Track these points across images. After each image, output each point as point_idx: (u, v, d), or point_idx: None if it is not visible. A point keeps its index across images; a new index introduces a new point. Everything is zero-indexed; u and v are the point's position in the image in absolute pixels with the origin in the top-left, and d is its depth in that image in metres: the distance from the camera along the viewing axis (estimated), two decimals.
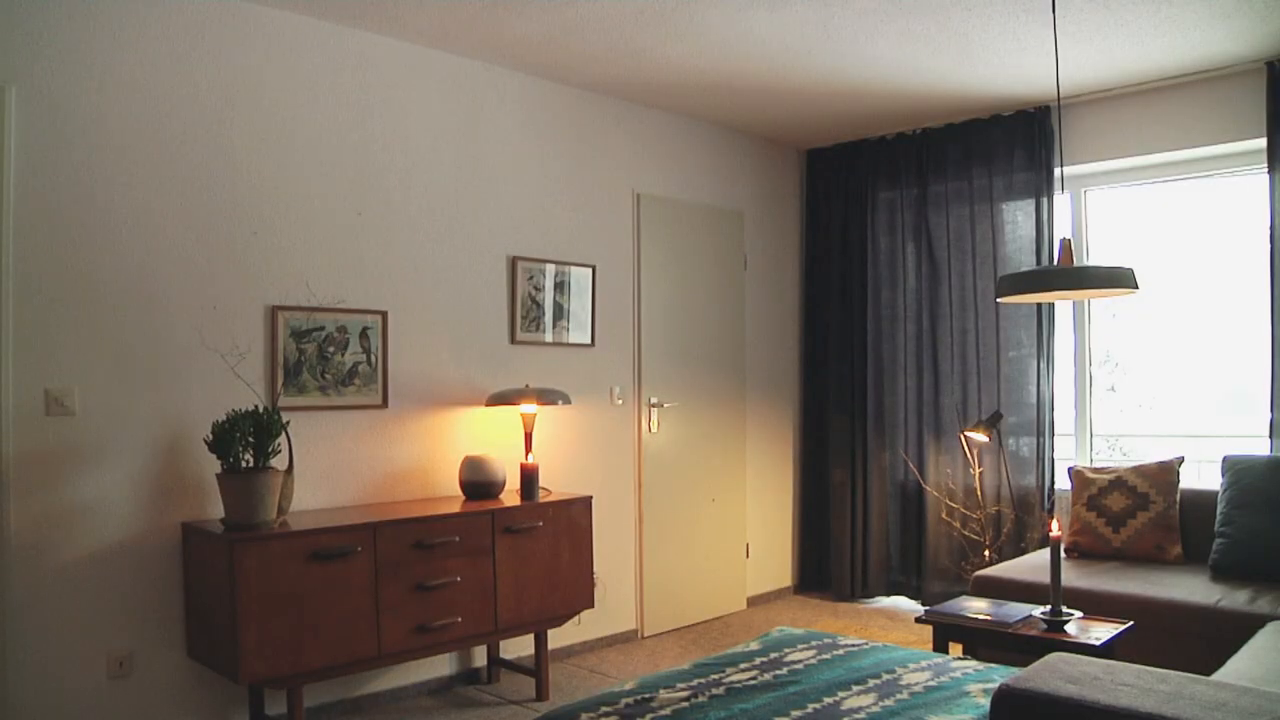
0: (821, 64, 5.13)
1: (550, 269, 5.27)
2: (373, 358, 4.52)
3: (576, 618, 4.92)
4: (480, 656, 4.91)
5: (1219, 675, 3.09)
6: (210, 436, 3.68)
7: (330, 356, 4.37)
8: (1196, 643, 3.90)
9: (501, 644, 4.89)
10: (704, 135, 6.26)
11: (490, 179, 5.05)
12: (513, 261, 5.11)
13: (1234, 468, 4.72)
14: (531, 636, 4.68)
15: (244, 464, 3.72)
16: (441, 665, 4.76)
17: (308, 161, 4.36)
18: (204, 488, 3.96)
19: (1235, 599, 4.08)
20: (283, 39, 4.28)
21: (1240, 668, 3.16)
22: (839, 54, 4.98)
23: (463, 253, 4.93)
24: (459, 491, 4.70)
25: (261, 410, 3.79)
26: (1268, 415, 5.08)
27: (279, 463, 3.88)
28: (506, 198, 5.12)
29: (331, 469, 4.39)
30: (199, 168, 4.02)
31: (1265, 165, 5.10)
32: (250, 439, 3.71)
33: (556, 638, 5.07)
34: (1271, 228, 5.06)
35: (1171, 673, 1.83)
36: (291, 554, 3.67)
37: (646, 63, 5.08)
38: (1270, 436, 5.08)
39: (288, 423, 3.91)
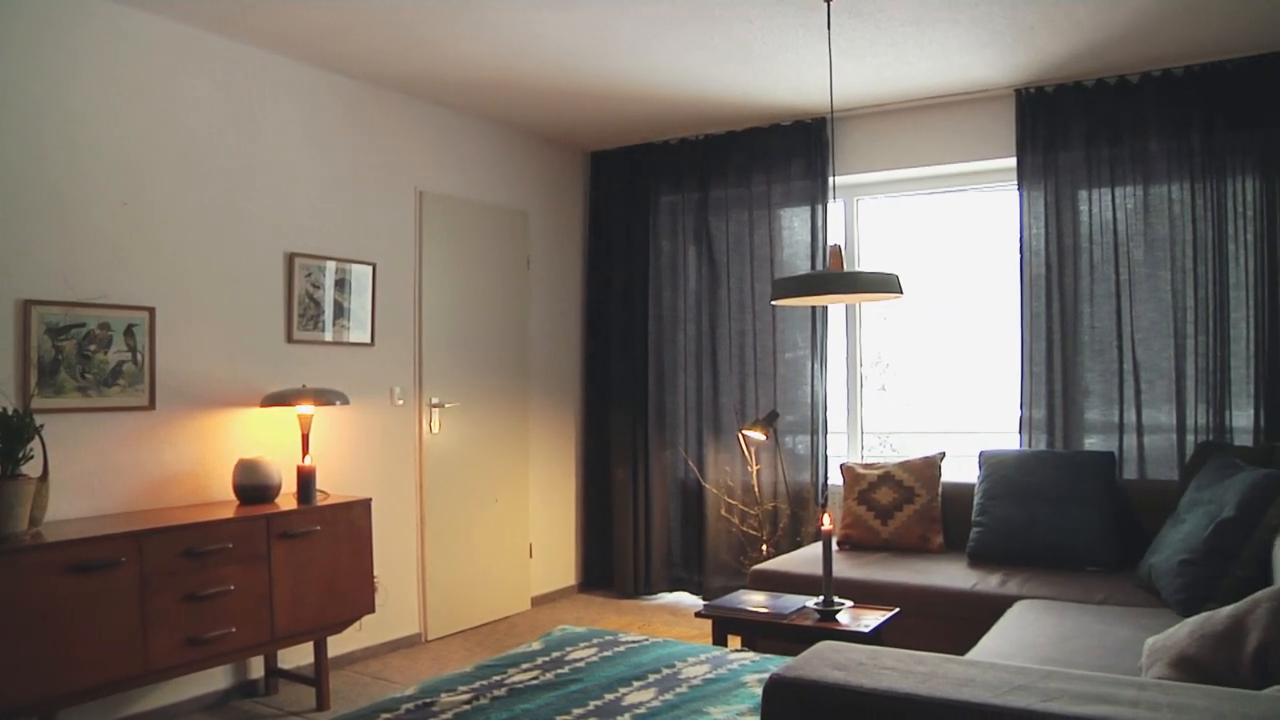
0: (606, 67, 5.19)
1: (330, 266, 5.12)
2: (139, 356, 4.28)
3: (358, 623, 4.80)
4: (257, 667, 4.72)
5: (973, 653, 3.32)
6: None
7: (91, 355, 4.11)
8: (956, 624, 4.15)
9: (280, 653, 4.71)
10: (489, 134, 6.23)
11: (268, 172, 4.87)
12: (290, 258, 4.94)
13: (989, 462, 5.07)
14: (311, 645, 4.54)
15: None
16: (216, 679, 4.54)
17: (67, 146, 4.06)
18: None
19: (988, 582, 4.40)
20: (41, 12, 3.97)
21: (991, 645, 3.41)
22: (623, 58, 5.05)
23: (237, 248, 4.72)
24: (233, 496, 4.50)
25: (11, 413, 3.52)
26: (1018, 412, 5.48)
27: (31, 469, 3.60)
28: (285, 192, 4.95)
29: (93, 475, 4.12)
30: None
31: (1016, 182, 5.51)
32: None
33: (337, 645, 4.93)
34: (1021, 239, 5.47)
35: (928, 654, 1.95)
36: (46, 567, 3.41)
37: (433, 58, 5.01)
38: (1020, 432, 5.48)
39: (41, 426, 3.64)
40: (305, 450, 4.60)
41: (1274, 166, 4.93)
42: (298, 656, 4.78)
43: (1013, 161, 5.54)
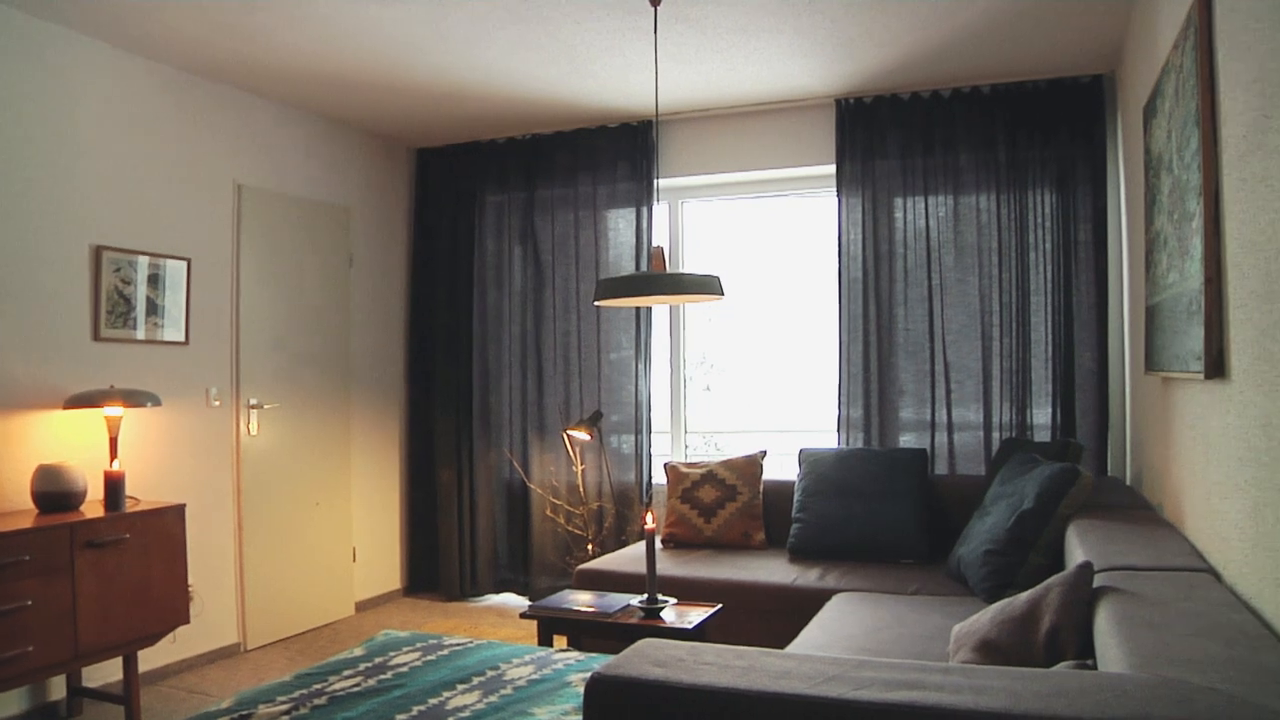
0: (434, 63, 5.12)
1: (142, 261, 4.89)
2: None
3: (171, 635, 4.60)
4: (59, 688, 4.45)
5: (792, 646, 3.42)
6: None
7: None
8: (778, 618, 4.26)
9: (85, 671, 4.45)
10: (312, 128, 6.06)
11: (73, 159, 4.59)
12: (97, 251, 4.69)
13: (808, 459, 5.23)
14: (120, 660, 4.32)
15: None
16: (9, 703, 4.25)
17: None
18: None
19: (808, 577, 4.53)
20: None
21: (810, 637, 3.52)
22: (451, 55, 4.99)
23: (37, 239, 4.44)
24: (31, 505, 4.24)
25: None
26: (836, 411, 5.66)
27: None
28: (92, 181, 4.68)
29: None
30: None
31: (835, 189, 5.70)
32: None
33: (149, 658, 4.70)
34: (840, 244, 5.66)
35: (748, 649, 1.99)
36: None
37: (256, 47, 4.83)
38: (838, 430, 5.66)
39: None
40: (114, 454, 4.38)
41: (1068, 181, 5.27)
42: (105, 673, 4.54)
43: (833, 168, 5.73)
